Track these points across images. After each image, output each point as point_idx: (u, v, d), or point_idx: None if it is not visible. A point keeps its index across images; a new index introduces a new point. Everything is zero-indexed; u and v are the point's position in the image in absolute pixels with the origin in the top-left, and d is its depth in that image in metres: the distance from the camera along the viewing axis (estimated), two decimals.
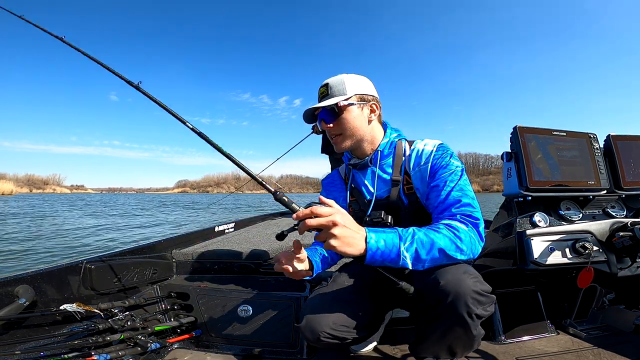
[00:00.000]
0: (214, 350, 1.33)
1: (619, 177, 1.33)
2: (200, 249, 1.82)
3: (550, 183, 1.24)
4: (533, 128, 1.27)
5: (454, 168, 0.92)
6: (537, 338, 1.35)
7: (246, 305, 1.40)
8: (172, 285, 1.61)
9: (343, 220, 0.69)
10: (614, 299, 1.53)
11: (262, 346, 1.32)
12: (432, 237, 0.78)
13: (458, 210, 0.85)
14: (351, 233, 0.70)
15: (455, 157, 0.96)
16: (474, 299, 0.77)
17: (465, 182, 0.91)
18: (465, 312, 0.76)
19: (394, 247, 0.74)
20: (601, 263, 1.18)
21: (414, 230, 0.79)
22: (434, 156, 0.95)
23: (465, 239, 0.80)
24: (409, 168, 0.99)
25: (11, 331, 1.05)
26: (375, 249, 0.72)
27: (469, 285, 0.77)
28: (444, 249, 0.77)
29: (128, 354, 1.15)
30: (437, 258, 0.78)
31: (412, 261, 0.76)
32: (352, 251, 0.71)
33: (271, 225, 3.13)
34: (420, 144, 1.00)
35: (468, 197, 0.87)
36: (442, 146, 0.98)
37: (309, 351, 1.28)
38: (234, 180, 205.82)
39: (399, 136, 1.07)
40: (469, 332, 0.79)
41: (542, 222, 1.22)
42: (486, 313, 0.80)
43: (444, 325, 0.81)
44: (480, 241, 0.83)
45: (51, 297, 1.19)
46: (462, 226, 0.82)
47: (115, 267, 1.42)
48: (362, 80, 1.00)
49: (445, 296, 0.77)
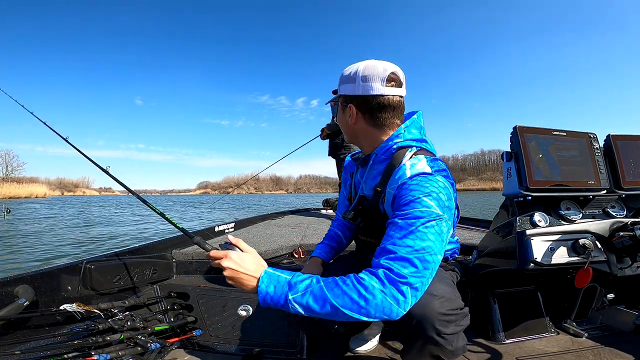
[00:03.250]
0: (214, 350, 1.33)
1: (619, 177, 1.33)
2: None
3: (550, 183, 1.24)
4: (533, 128, 1.27)
5: (421, 209, 0.72)
6: (537, 338, 1.35)
7: (246, 305, 1.40)
8: (172, 285, 1.61)
9: (230, 264, 0.76)
10: (614, 299, 1.52)
11: (261, 346, 1.32)
12: (328, 292, 0.69)
13: (386, 263, 0.69)
14: (240, 275, 0.76)
15: (436, 197, 0.75)
16: (441, 321, 0.76)
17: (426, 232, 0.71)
18: (434, 334, 0.76)
19: (283, 294, 0.72)
20: (601, 263, 1.18)
21: (311, 280, 0.72)
22: (405, 185, 0.79)
23: (373, 301, 0.66)
24: (387, 185, 0.89)
25: (11, 331, 1.05)
26: (264, 292, 0.73)
27: (434, 309, 0.76)
28: (341, 307, 0.68)
29: (128, 354, 1.15)
30: (332, 314, 0.69)
31: (305, 312, 0.71)
32: (244, 288, 0.76)
33: (271, 225, 3.14)
34: (408, 164, 0.85)
35: (410, 252, 0.69)
36: (423, 177, 0.79)
37: (309, 351, 1.28)
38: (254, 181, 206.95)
39: (409, 143, 0.91)
40: (444, 349, 0.79)
41: (542, 222, 1.21)
42: (459, 328, 0.80)
43: (418, 344, 0.82)
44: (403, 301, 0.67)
45: (51, 297, 1.19)
46: (375, 284, 0.67)
47: (115, 267, 1.42)
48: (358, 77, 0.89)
49: (410, 320, 0.76)
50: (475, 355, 1.23)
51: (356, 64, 0.92)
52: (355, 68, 0.91)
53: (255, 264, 0.78)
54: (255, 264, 0.77)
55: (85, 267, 1.31)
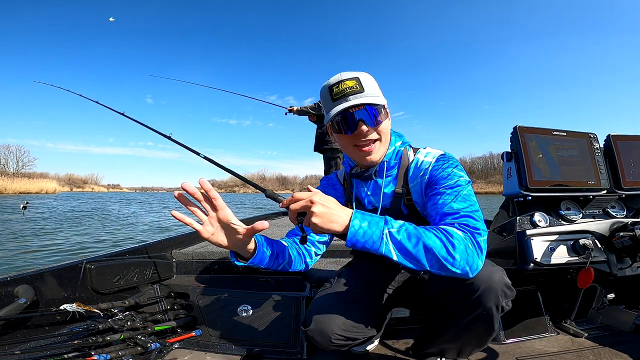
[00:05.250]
0: (214, 350, 1.33)
1: (619, 177, 1.33)
2: (200, 249, 1.82)
3: (550, 183, 1.24)
4: (533, 128, 1.27)
5: (456, 178, 0.84)
6: (537, 338, 1.35)
7: (246, 305, 1.40)
8: (172, 285, 1.61)
9: (321, 199, 0.70)
10: (614, 299, 1.53)
11: (262, 346, 1.32)
12: (422, 232, 0.71)
13: (456, 220, 0.77)
14: (330, 210, 0.70)
15: (460, 168, 0.89)
16: (503, 292, 0.79)
17: (469, 194, 0.82)
18: (493, 304, 0.78)
19: (377, 229, 0.69)
20: (601, 263, 1.18)
21: (404, 222, 0.74)
22: (432, 167, 0.90)
23: (459, 247, 0.70)
24: (409, 180, 0.95)
25: (11, 331, 1.04)
26: (357, 227, 0.69)
27: (499, 278, 0.79)
28: (433, 248, 0.69)
29: (128, 354, 1.15)
30: (423, 256, 0.70)
31: (396, 250, 0.70)
32: (334, 227, 0.70)
33: (272, 225, 3.13)
34: (421, 155, 0.95)
35: (469, 209, 0.78)
36: (443, 156, 0.92)
37: (309, 351, 1.27)
38: (260, 180, 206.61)
39: (403, 143, 1.00)
40: (490, 326, 0.82)
41: (542, 222, 1.22)
42: (507, 307, 0.82)
43: (468, 318, 0.82)
44: (480, 254, 0.73)
45: (51, 297, 1.19)
46: (458, 232, 0.73)
47: (115, 267, 1.42)
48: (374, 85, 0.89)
49: (476, 289, 0.78)
50: (475, 354, 1.23)
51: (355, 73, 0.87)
52: (366, 76, 0.88)
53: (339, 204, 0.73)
54: (339, 204, 0.73)
55: (85, 267, 1.31)
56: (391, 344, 1.33)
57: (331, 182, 1.15)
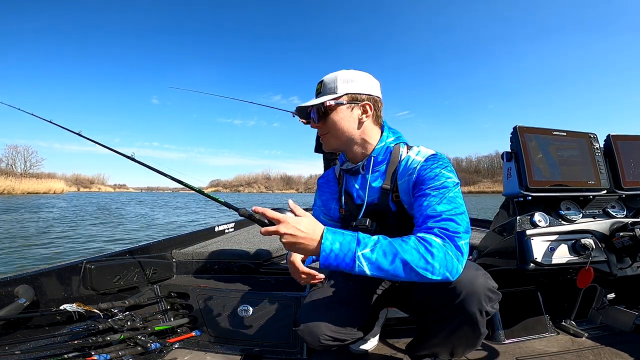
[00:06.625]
0: (214, 350, 1.33)
1: (619, 177, 1.33)
2: (200, 249, 1.82)
3: (550, 183, 1.24)
4: (533, 128, 1.27)
5: (443, 179, 0.84)
6: (537, 338, 1.35)
7: (246, 305, 1.40)
8: (172, 285, 1.61)
9: (288, 229, 0.70)
10: (614, 299, 1.52)
11: (261, 346, 1.32)
12: (397, 247, 0.72)
13: (436, 224, 0.77)
14: (298, 240, 0.71)
15: (450, 169, 0.88)
16: (486, 296, 0.78)
17: (455, 196, 0.82)
18: (477, 309, 0.77)
19: (349, 251, 0.70)
20: (601, 263, 1.18)
21: (378, 238, 0.74)
22: (420, 167, 0.89)
23: (438, 255, 0.71)
24: (398, 177, 0.95)
25: (11, 331, 1.04)
26: (328, 251, 0.70)
27: (482, 283, 0.78)
28: (410, 262, 0.70)
29: (128, 354, 1.15)
30: (401, 271, 0.71)
31: (371, 270, 0.71)
32: (305, 253, 0.73)
33: None
34: (413, 153, 0.94)
35: (453, 212, 0.78)
36: (433, 156, 0.91)
37: (309, 351, 1.28)
38: (264, 179, 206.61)
39: (397, 140, 1.00)
40: (477, 330, 0.80)
41: (542, 222, 1.21)
42: (493, 310, 0.81)
43: (453, 323, 0.81)
44: (461, 257, 0.75)
45: (51, 297, 1.19)
46: (436, 240, 0.73)
47: (115, 267, 1.42)
48: (358, 78, 0.93)
49: (458, 294, 0.77)
50: (475, 354, 1.23)
51: (345, 70, 0.95)
52: (351, 71, 0.95)
53: (313, 225, 0.74)
54: (312, 225, 0.74)
55: (85, 267, 1.31)
56: (391, 344, 1.34)
57: (327, 180, 1.17)
